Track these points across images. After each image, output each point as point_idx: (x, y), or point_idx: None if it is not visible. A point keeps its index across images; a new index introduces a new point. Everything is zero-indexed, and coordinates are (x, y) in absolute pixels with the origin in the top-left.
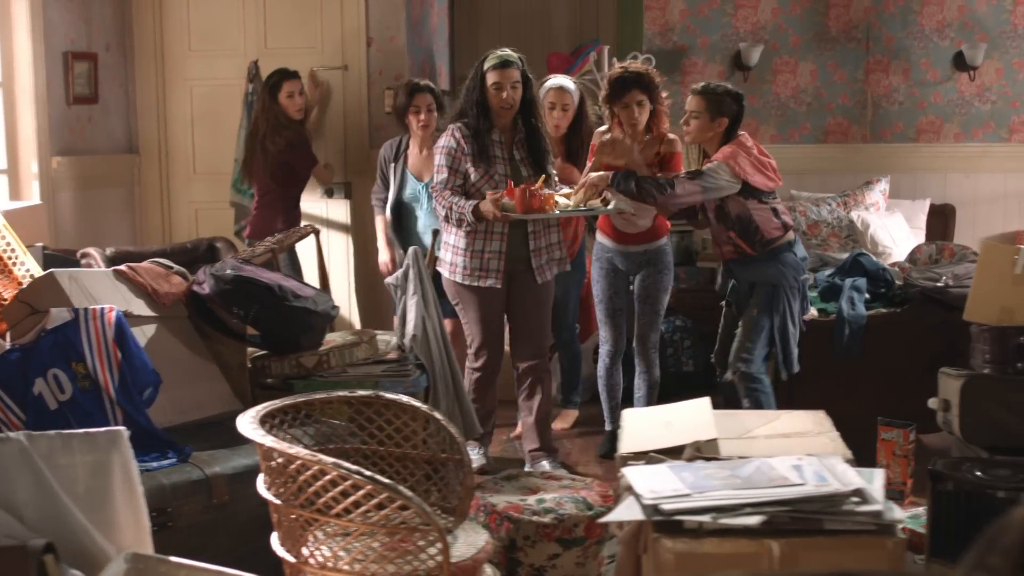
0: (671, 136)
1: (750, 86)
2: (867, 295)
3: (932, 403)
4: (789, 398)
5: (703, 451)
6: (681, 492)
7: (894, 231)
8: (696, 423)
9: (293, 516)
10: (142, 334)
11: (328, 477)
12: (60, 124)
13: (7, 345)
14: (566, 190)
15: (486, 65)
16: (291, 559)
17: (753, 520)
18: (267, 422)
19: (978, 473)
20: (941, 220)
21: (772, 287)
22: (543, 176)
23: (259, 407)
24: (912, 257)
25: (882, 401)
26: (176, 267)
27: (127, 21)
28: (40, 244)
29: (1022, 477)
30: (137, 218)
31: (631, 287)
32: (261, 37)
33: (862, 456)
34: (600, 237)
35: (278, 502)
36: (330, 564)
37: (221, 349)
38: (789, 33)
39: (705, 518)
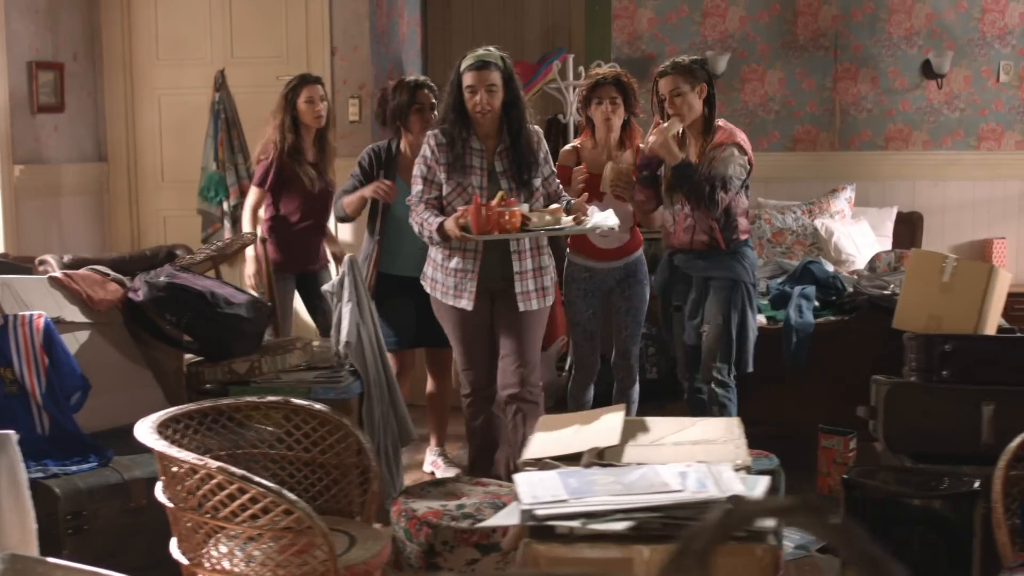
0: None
1: (718, 94)
2: (816, 303)
3: (861, 411)
4: (736, 405)
5: (605, 458)
6: (560, 498)
7: (858, 239)
8: (602, 430)
9: (187, 521)
10: (75, 340)
11: (215, 481)
12: (24, 133)
13: None
14: (556, 205)
15: (463, 65)
16: (185, 561)
17: (620, 526)
18: (171, 427)
19: (891, 481)
20: (908, 228)
21: (733, 283)
22: (500, 192)
23: (161, 412)
24: (872, 265)
25: (829, 409)
26: (113, 274)
27: (96, 31)
28: None
29: (934, 485)
30: (106, 226)
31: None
32: (228, 46)
33: (806, 463)
34: (574, 256)
35: (171, 505)
36: (220, 567)
37: (158, 355)
38: (757, 41)
39: (576, 523)
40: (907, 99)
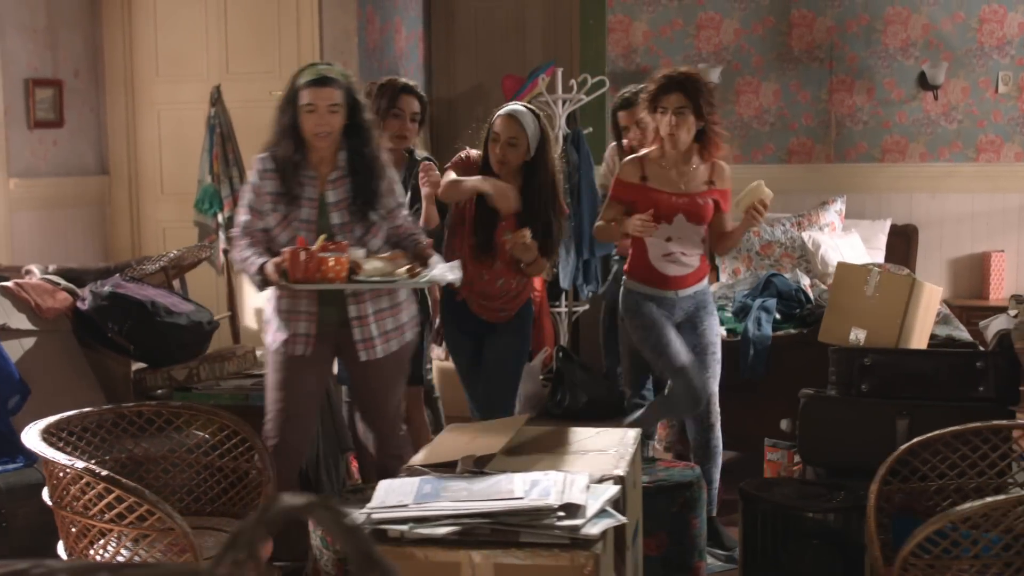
0: (722, 163)
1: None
2: (779, 316)
3: (784, 424)
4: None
5: (481, 465)
6: (402, 503)
7: (847, 252)
8: (487, 440)
9: (68, 521)
10: (20, 346)
11: (83, 481)
12: (20, 147)
13: None
14: (397, 251)
15: (300, 81)
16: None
17: (443, 531)
18: (70, 431)
19: (788, 494)
20: (903, 241)
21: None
22: (322, 236)
23: (53, 417)
24: None
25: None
26: (64, 283)
27: (97, 48)
28: None
29: (830, 497)
30: (108, 236)
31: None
32: (223, 63)
33: (758, 475)
34: (631, 283)
35: (50, 503)
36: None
37: (108, 362)
38: (752, 53)
39: (405, 527)
40: (904, 111)
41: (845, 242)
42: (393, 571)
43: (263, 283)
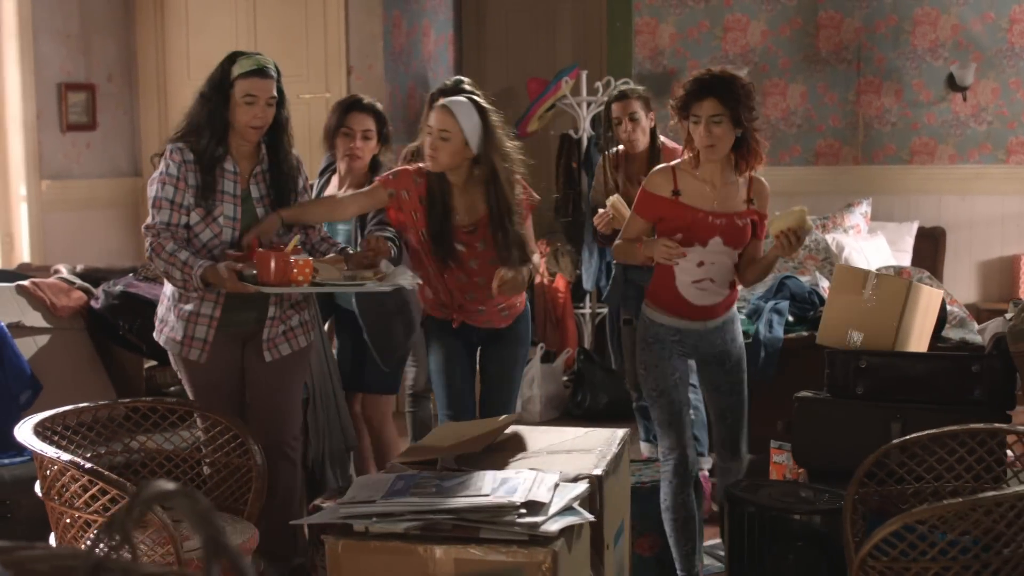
0: (762, 179)
1: None
2: (790, 317)
3: (780, 426)
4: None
5: (462, 462)
6: (371, 499)
7: (871, 254)
8: (474, 437)
9: (57, 513)
10: (35, 343)
11: (69, 474)
12: (52, 150)
13: None
14: (334, 255)
15: (236, 71)
16: None
17: (401, 526)
18: (58, 426)
19: (775, 497)
20: (931, 243)
21: None
22: (295, 238)
23: (47, 412)
24: None
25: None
26: (79, 283)
27: (131, 53)
28: None
29: (815, 501)
30: (140, 237)
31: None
32: None
33: (760, 476)
34: (651, 312)
35: (39, 494)
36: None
37: (121, 359)
38: (779, 55)
39: (368, 522)
40: (932, 112)
41: (870, 244)
42: (241, 558)
43: (204, 287)
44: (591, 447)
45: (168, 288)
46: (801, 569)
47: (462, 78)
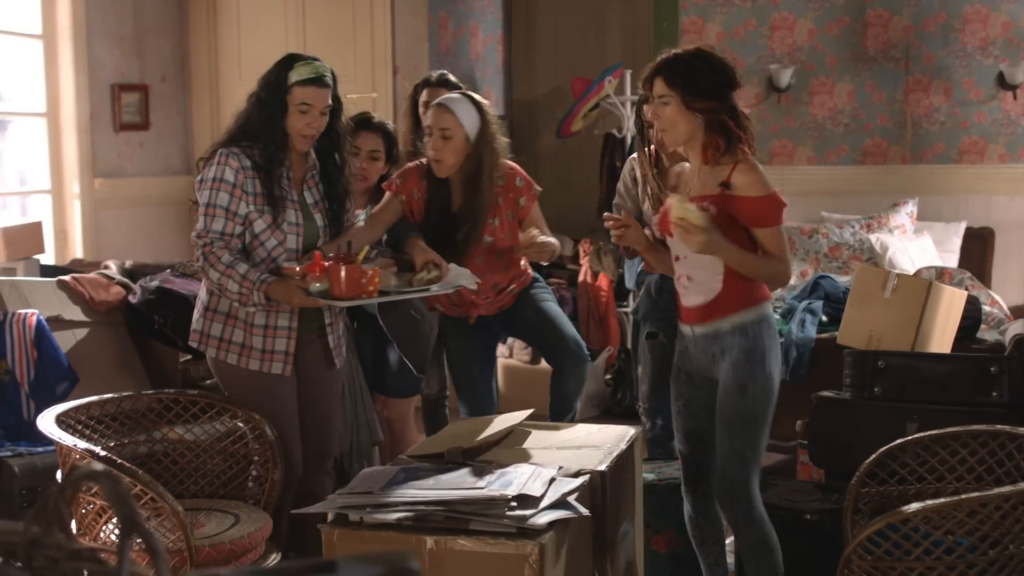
0: (750, 164)
1: (785, 108)
2: (824, 317)
3: (799, 426)
4: None
5: (468, 456)
6: (369, 490)
7: (916, 255)
8: (484, 432)
9: (79, 499)
10: (73, 336)
11: (86, 462)
12: (106, 149)
13: None
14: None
15: (293, 77)
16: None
17: (393, 517)
18: (82, 416)
19: (783, 495)
20: (979, 244)
21: None
22: (365, 248)
23: (70, 403)
24: None
25: None
26: (119, 278)
27: (184, 54)
28: (37, 256)
29: (824, 497)
30: (190, 234)
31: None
32: None
33: (788, 476)
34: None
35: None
36: (108, 541)
37: (159, 353)
38: (826, 54)
39: (363, 512)
40: (982, 111)
41: (915, 245)
42: (152, 536)
43: (266, 300)
44: (600, 444)
45: (206, 297)
46: (809, 566)
47: (445, 71)
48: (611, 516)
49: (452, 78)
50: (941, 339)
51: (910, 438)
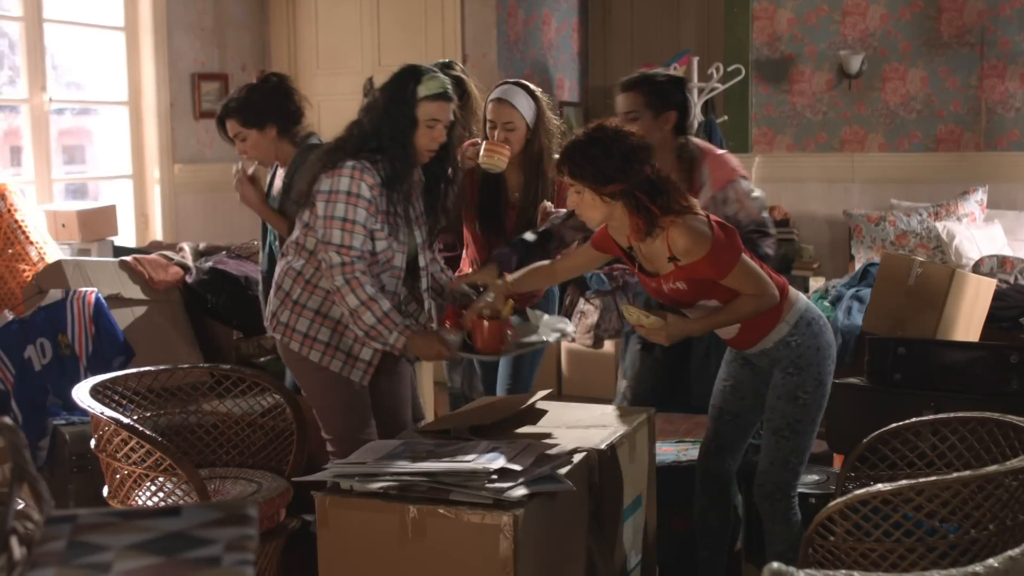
0: (678, 231)
1: (856, 94)
2: None
3: None
4: None
5: (474, 432)
6: (363, 460)
7: (984, 243)
8: (495, 410)
9: (107, 466)
10: (132, 314)
11: (110, 429)
12: (186, 136)
13: (9, 317)
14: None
15: (421, 92)
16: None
17: (377, 486)
18: (119, 388)
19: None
20: None
21: None
22: (510, 302)
23: (105, 375)
24: (975, 268)
25: None
26: (177, 259)
27: (265, 45)
28: (111, 238)
29: (827, 482)
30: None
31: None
32: (376, 56)
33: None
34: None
35: (92, 447)
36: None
37: (214, 330)
38: (899, 39)
39: (352, 481)
40: None
41: (983, 233)
42: (39, 482)
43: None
44: (609, 424)
45: (290, 286)
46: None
47: (450, 60)
48: (611, 494)
49: (455, 70)
50: (967, 327)
51: (902, 423)
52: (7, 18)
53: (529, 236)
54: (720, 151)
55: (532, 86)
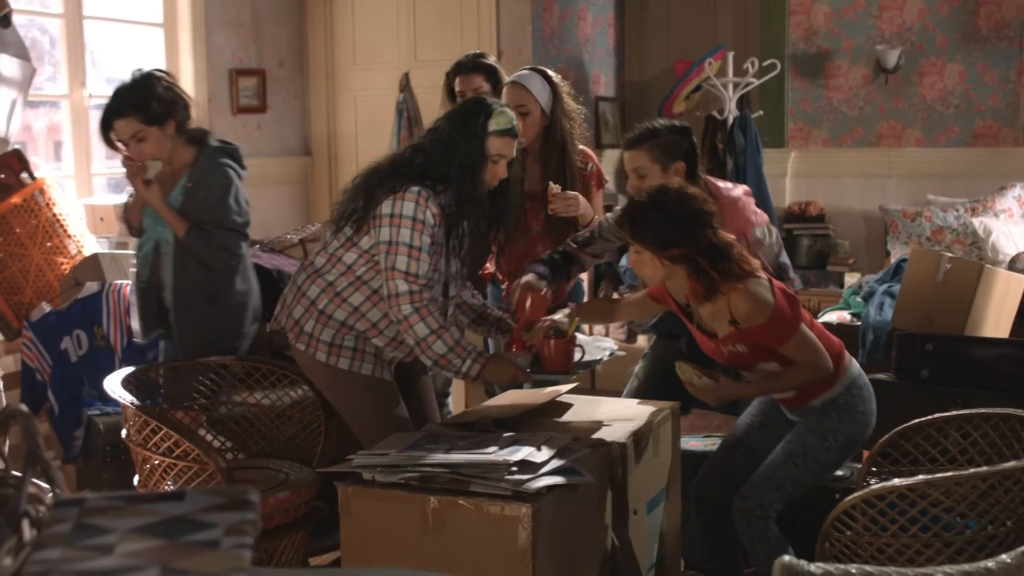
0: (740, 294)
1: (893, 89)
2: None
3: None
4: None
5: (499, 425)
6: (385, 452)
7: (1021, 239)
8: (520, 403)
9: (137, 456)
10: None
11: (141, 419)
12: (223, 131)
13: (47, 309)
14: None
15: (492, 126)
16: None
17: (396, 477)
18: (147, 379)
19: None
20: None
21: None
22: (575, 320)
23: (132, 368)
24: (1011, 265)
25: None
26: None
27: (302, 40)
28: None
29: (851, 478)
30: (310, 211)
31: None
32: (412, 51)
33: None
34: None
35: (123, 437)
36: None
37: None
38: (936, 33)
39: (374, 472)
40: None
41: (1021, 229)
42: (50, 467)
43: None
44: (633, 417)
45: (316, 295)
46: None
47: (480, 52)
48: (635, 486)
49: (489, 60)
50: (996, 323)
51: (924, 419)
52: (48, 15)
53: (555, 256)
54: (735, 194)
55: (550, 71)
